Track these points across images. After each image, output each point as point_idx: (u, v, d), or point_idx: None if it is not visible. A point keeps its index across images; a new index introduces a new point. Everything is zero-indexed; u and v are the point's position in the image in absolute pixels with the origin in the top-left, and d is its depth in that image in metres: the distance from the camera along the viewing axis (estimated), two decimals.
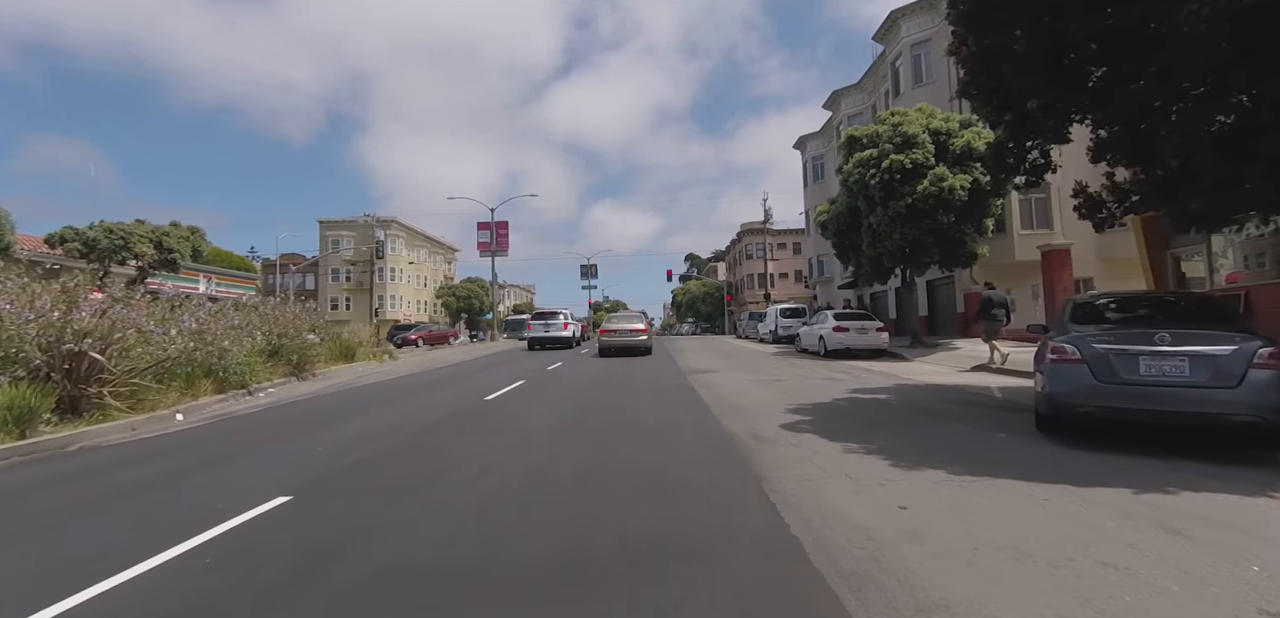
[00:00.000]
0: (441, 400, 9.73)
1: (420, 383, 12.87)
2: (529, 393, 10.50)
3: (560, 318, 25.58)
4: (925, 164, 17.01)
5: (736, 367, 14.96)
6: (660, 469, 4.92)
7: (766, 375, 12.59)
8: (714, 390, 10.11)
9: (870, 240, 18.62)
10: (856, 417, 7.38)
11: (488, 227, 39.03)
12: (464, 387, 11.73)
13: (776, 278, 63.91)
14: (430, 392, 11.09)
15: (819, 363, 15.88)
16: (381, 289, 62.32)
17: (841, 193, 20.33)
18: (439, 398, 10.09)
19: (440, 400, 9.74)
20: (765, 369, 14.16)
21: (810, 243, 39.71)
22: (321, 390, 11.90)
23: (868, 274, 20.37)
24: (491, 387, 11.32)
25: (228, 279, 40.84)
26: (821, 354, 18.10)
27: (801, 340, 20.62)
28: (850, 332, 17.41)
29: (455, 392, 10.93)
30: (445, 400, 9.71)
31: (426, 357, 22.85)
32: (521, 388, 11.21)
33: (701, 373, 13.37)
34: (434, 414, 8.24)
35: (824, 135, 37.85)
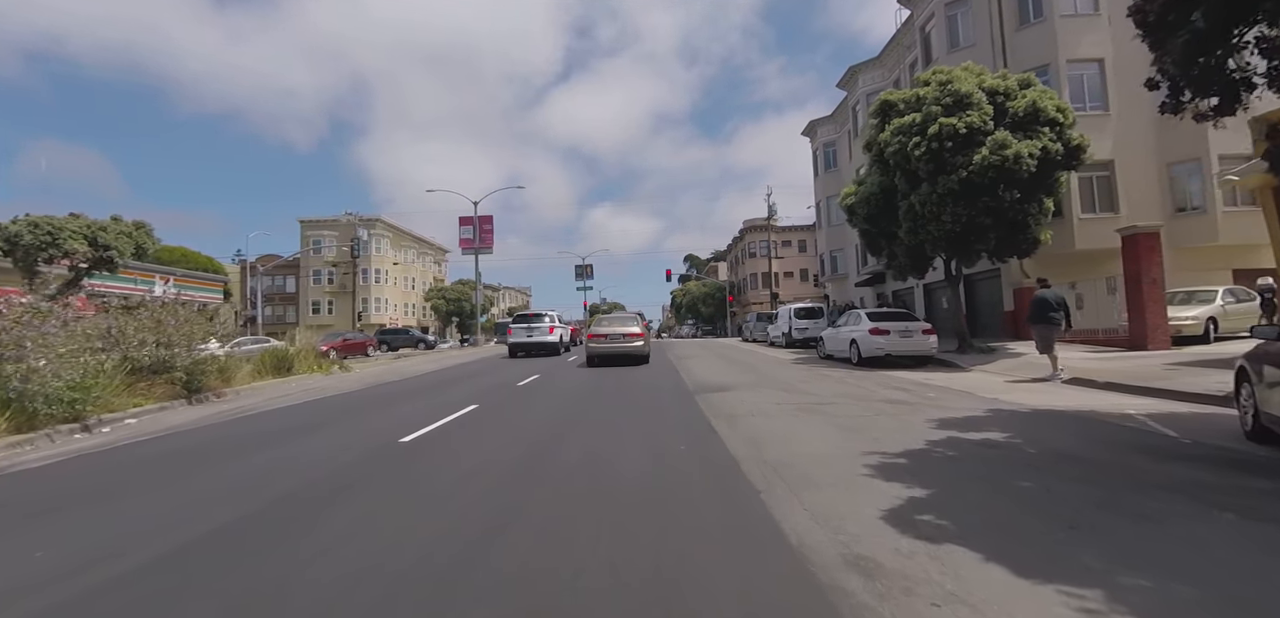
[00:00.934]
0: (339, 445, 6.58)
1: (340, 408, 9.72)
2: (471, 430, 7.34)
3: (545, 321, 22.44)
4: (982, 129, 13.89)
5: (755, 380, 11.81)
6: None
7: (803, 397, 9.43)
8: (740, 425, 6.97)
9: (911, 225, 15.49)
10: (998, 487, 4.26)
11: (470, 221, 35.87)
12: (388, 417, 8.57)
13: (781, 277, 60.85)
14: (335, 425, 7.94)
15: (855, 374, 12.74)
16: (365, 291, 59.17)
17: (872, 171, 17.22)
18: (339, 438, 6.94)
19: (338, 445, 6.59)
20: (795, 385, 11.01)
21: (822, 237, 36.65)
22: (199, 422, 8.74)
23: (904, 266, 17.26)
24: (427, 416, 8.17)
25: (191, 282, 37.66)
26: (854, 362, 14.98)
27: (826, 345, 17.48)
28: (891, 335, 14.28)
29: (370, 426, 7.77)
30: (344, 445, 6.56)
31: (383, 367, 19.68)
32: (466, 419, 8.05)
33: (714, 391, 10.22)
34: (296, 478, 5.09)
35: (836, 120, 34.76)
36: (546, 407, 9.02)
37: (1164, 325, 14.07)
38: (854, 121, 30.52)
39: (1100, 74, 19.06)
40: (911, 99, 15.68)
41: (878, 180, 16.80)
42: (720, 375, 13.05)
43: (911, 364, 14.63)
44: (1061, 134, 14.06)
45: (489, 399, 10.04)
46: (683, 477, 4.73)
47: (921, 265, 17.51)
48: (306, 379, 15.22)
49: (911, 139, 14.56)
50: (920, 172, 14.53)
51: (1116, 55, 19.19)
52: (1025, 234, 14.88)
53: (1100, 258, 18.53)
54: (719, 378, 12.50)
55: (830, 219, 35.69)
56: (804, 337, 24.47)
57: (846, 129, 32.94)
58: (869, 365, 14.43)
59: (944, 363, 14.40)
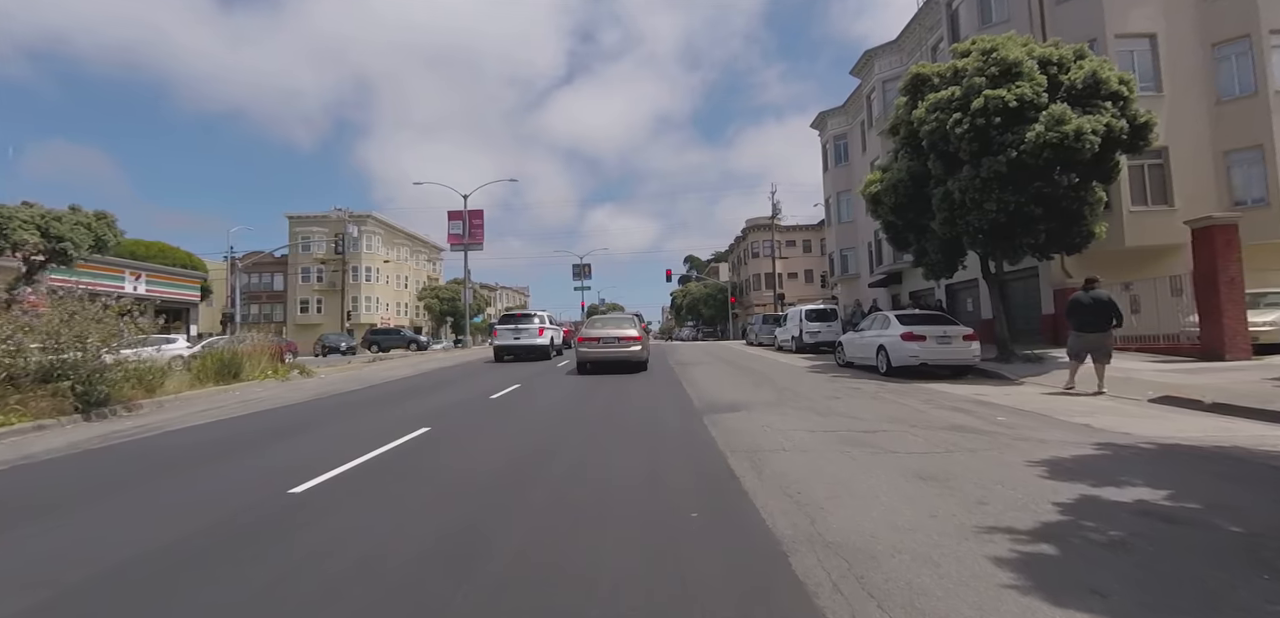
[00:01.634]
0: (201, 498, 4.68)
1: (259, 430, 7.77)
2: (399, 472, 5.42)
3: (534, 322, 20.50)
4: (1036, 101, 11.98)
5: (775, 395, 9.87)
6: None
7: (841, 421, 7.51)
8: (770, 467, 5.04)
9: (946, 215, 13.56)
10: (1237, 606, 2.33)
11: (459, 216, 33.90)
12: (307, 446, 6.64)
13: (785, 277, 58.98)
14: (227, 460, 6.01)
15: (890, 388, 10.82)
16: (355, 290, 57.31)
17: (901, 155, 15.29)
18: (208, 486, 5.03)
19: (198, 498, 4.69)
20: (824, 403, 9.07)
21: (832, 234, 34.73)
22: (62, 449, 6.80)
23: (935, 263, 15.32)
24: (356, 444, 6.24)
25: (166, 278, 35.74)
26: (882, 372, 13.06)
27: (846, 351, 15.55)
28: (926, 341, 12.34)
29: (271, 463, 5.84)
30: (208, 498, 4.66)
31: (352, 372, 17.72)
32: (406, 451, 6.13)
33: (726, 410, 8.30)
34: (82, 569, 3.17)
35: (847, 111, 32.83)
36: (514, 434, 7.08)
37: (1244, 331, 12.18)
38: (868, 111, 28.62)
39: (1151, 51, 17.17)
40: (948, 73, 13.76)
41: (907, 166, 14.86)
42: (730, 387, 11.12)
43: (947, 375, 12.73)
44: (1125, 109, 12.14)
45: (448, 420, 8.11)
46: (696, 595, 2.78)
47: (953, 262, 15.58)
48: (254, 386, 13.29)
49: (951, 116, 12.64)
50: (961, 152, 12.61)
51: (1169, 30, 17.30)
52: (1080, 226, 12.95)
53: (1152, 256, 16.65)
54: (729, 391, 10.56)
55: (840, 216, 33.80)
56: (815, 341, 22.53)
57: (860, 120, 31.02)
58: (900, 376, 12.51)
59: (987, 374, 12.48)
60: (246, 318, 60.36)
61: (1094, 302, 9.72)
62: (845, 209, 33.54)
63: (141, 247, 40.00)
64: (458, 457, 5.78)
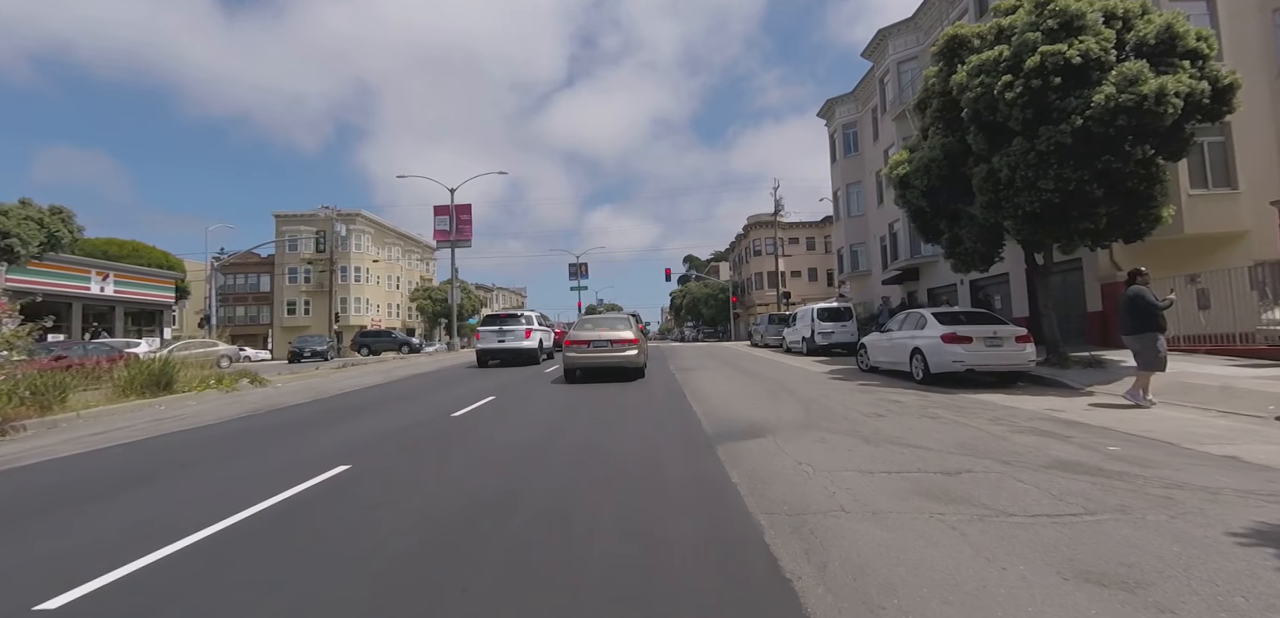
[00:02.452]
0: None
1: (104, 477, 5.90)
2: (256, 562, 3.54)
3: (521, 323, 18.64)
4: (1103, 59, 10.14)
5: (803, 412, 8.00)
6: None
7: (904, 454, 5.67)
8: (831, 551, 3.21)
9: (990, 196, 11.71)
10: None
11: (446, 211, 32.00)
12: (128, 514, 4.77)
13: (788, 276, 57.17)
14: (40, 519, 4.14)
15: (935, 399, 8.98)
16: (344, 291, 55.45)
17: (933, 131, 13.43)
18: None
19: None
20: (869, 425, 7.21)
21: (841, 229, 32.86)
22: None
23: (970, 253, 13.47)
24: (222, 502, 4.39)
25: (138, 278, 33.82)
26: (918, 379, 11.22)
27: (870, 355, 13.70)
28: (973, 344, 10.50)
29: (94, 530, 3.97)
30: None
31: (312, 382, 15.82)
32: (291, 510, 4.27)
33: (745, 437, 6.44)
34: None
35: (858, 97, 30.97)
36: (458, 479, 5.22)
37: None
38: (881, 95, 26.76)
39: (1209, 13, 15.34)
40: (990, 33, 11.93)
41: (940, 142, 13.01)
42: (744, 400, 9.26)
43: (993, 382, 10.90)
44: (1204, 69, 10.31)
45: (382, 452, 6.24)
46: None
47: (991, 253, 13.75)
48: (188, 400, 11.42)
49: (1000, 78, 10.80)
50: (1012, 122, 10.76)
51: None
52: (1148, 209, 11.12)
53: (1211, 245, 14.81)
54: (744, 405, 8.70)
55: (849, 209, 31.94)
56: (829, 342, 20.71)
57: (871, 106, 29.17)
58: (941, 385, 10.68)
59: (1043, 381, 10.65)
60: (232, 320, 58.50)
61: (1141, 301, 8.26)
62: (855, 202, 31.70)
63: (114, 245, 38.09)
64: (360, 525, 3.91)
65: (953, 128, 12.94)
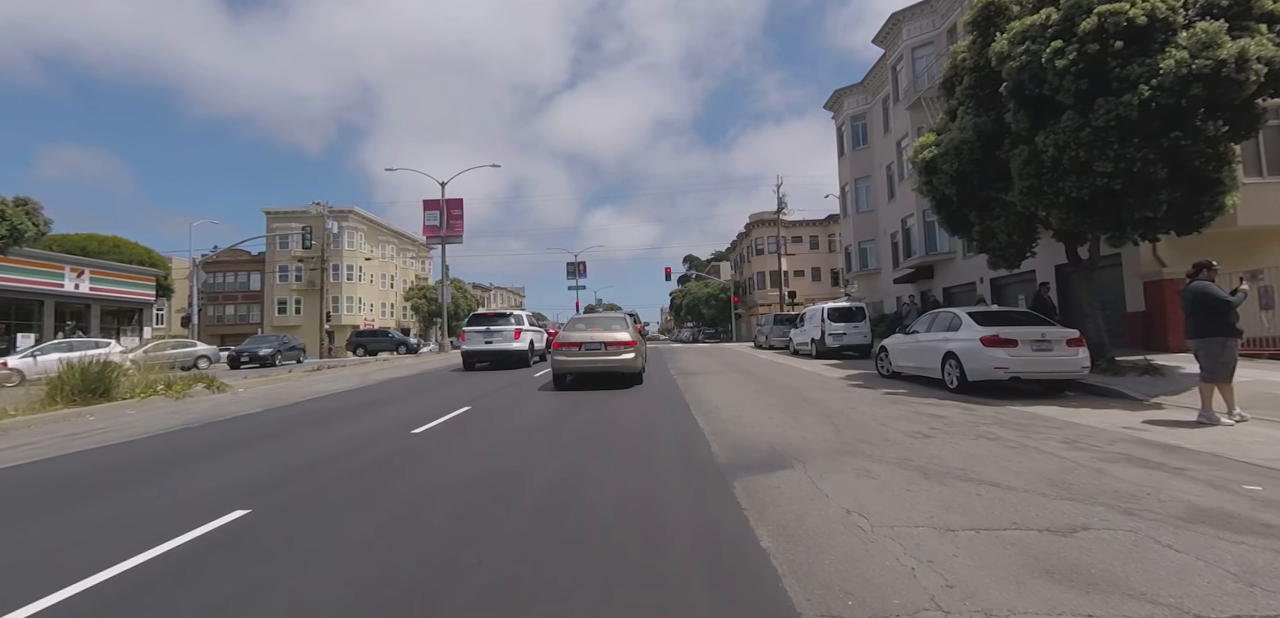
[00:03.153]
0: None
1: None
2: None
3: (510, 323, 17.32)
4: (1171, 20, 8.81)
5: (831, 430, 6.66)
6: None
7: (991, 500, 4.35)
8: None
9: (1032, 181, 10.39)
10: None
11: (436, 205, 30.64)
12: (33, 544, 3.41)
13: (791, 275, 55.90)
14: None
15: (982, 413, 7.67)
16: (336, 289, 54.09)
17: (963, 113, 12.10)
18: None
19: None
20: (920, 449, 5.89)
21: (849, 226, 31.50)
22: None
23: (1007, 246, 12.12)
24: (98, 552, 3.04)
25: (115, 275, 32.44)
26: (953, 387, 9.89)
27: (893, 360, 12.37)
28: (1018, 347, 9.17)
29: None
30: None
31: (276, 387, 14.45)
32: (118, 594, 2.91)
33: (771, 470, 5.12)
34: None
35: (867, 88, 29.62)
36: (382, 540, 3.88)
37: None
38: (894, 83, 25.42)
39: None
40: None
41: (973, 123, 11.67)
42: (758, 413, 7.92)
43: (1039, 392, 9.59)
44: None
45: (311, 481, 4.92)
46: None
47: (1027, 246, 12.44)
48: (128, 409, 10.10)
49: (1048, 45, 9.47)
50: (1062, 94, 9.43)
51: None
52: (1213, 195, 9.79)
53: (1266, 240, 13.51)
54: (758, 419, 7.37)
55: (858, 205, 30.59)
56: (840, 344, 19.38)
57: (882, 96, 27.82)
58: (979, 394, 9.35)
59: (1099, 391, 9.32)
60: (221, 319, 57.20)
61: (1208, 297, 6.87)
62: (864, 197, 30.33)
63: (94, 241, 36.74)
64: (262, 589, 2.58)
65: (987, 106, 11.62)
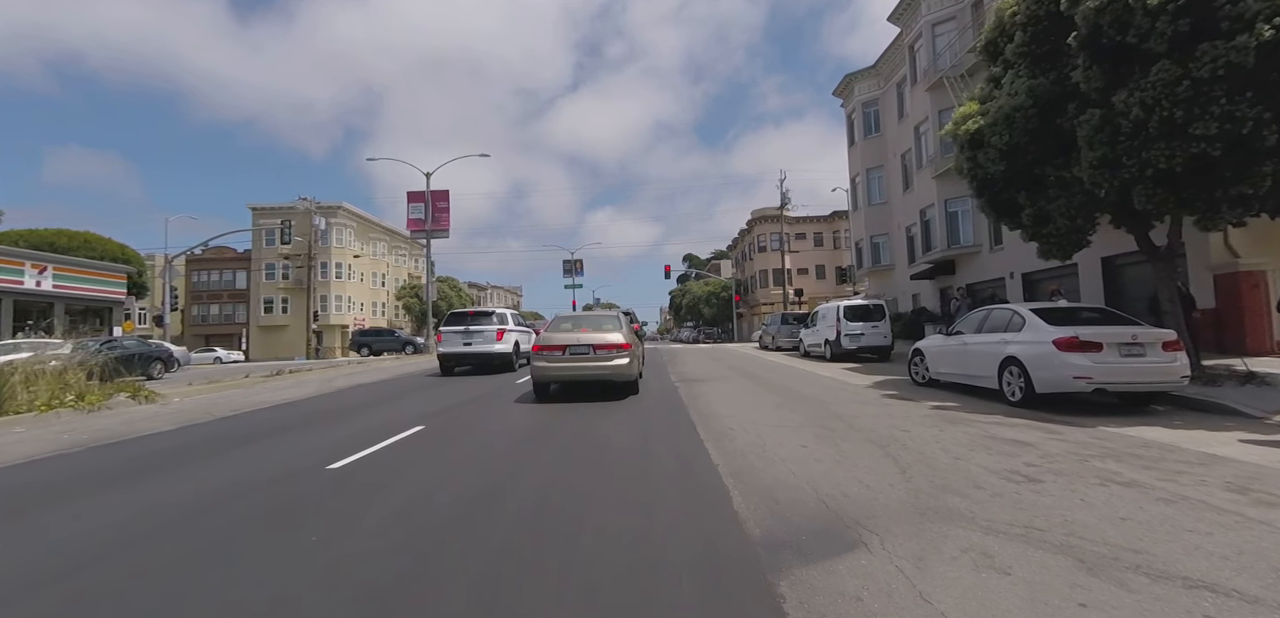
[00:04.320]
0: None
1: None
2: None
3: (492, 323, 15.56)
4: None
5: (898, 471, 4.89)
6: None
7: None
8: None
9: (1105, 151, 8.64)
10: None
11: (421, 197, 28.84)
12: None
13: (794, 273, 54.18)
14: None
15: (1067, 433, 5.95)
16: (324, 288, 52.30)
17: (1014, 75, 10.32)
18: None
19: None
20: (1032, 503, 4.11)
21: (860, 219, 29.72)
22: None
23: (1065, 231, 10.36)
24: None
25: (83, 272, 30.62)
26: (1014, 400, 8.13)
27: (931, 364, 10.60)
28: (1102, 352, 7.40)
29: None
30: None
31: (220, 395, 12.63)
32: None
33: (831, 552, 3.32)
34: None
35: (880, 72, 27.85)
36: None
37: None
38: (912, 63, 23.64)
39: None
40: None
41: (1026, 86, 9.90)
42: (787, 439, 6.15)
43: (1118, 405, 7.86)
44: None
45: (131, 562, 3.12)
46: None
47: (1086, 231, 10.69)
48: (14, 426, 8.31)
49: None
50: (1154, 40, 7.67)
51: None
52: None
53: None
54: (791, 451, 5.60)
55: (870, 197, 28.82)
56: (858, 346, 17.63)
57: (896, 79, 26.07)
58: (1048, 409, 7.60)
59: (1192, 404, 7.57)
60: (206, 318, 55.41)
61: None
62: (876, 189, 28.57)
63: (63, 236, 34.96)
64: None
65: (1044, 65, 9.87)
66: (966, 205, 20.69)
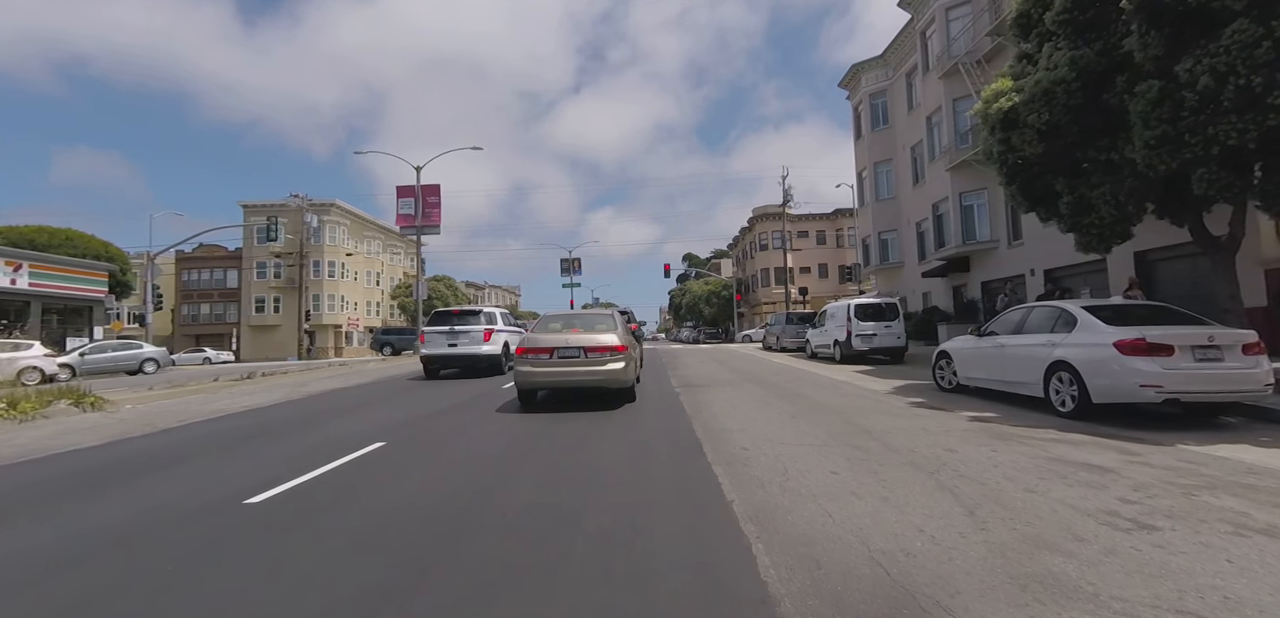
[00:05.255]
0: None
1: None
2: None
3: (479, 322, 14.53)
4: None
5: (970, 520, 3.85)
6: None
7: None
8: None
9: (1164, 129, 7.62)
10: None
11: (411, 192, 27.79)
12: None
13: (797, 271, 53.16)
14: None
15: (1154, 456, 4.92)
16: (317, 287, 51.26)
17: (1049, 52, 9.28)
18: None
19: None
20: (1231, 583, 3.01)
21: (868, 215, 28.67)
22: None
23: (1113, 221, 9.34)
24: None
25: (59, 270, 29.54)
26: (1063, 411, 7.10)
27: (959, 368, 9.57)
28: (1174, 356, 6.36)
29: None
30: None
31: (174, 403, 11.54)
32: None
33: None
34: None
35: (888, 61, 26.81)
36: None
37: None
38: (923, 52, 22.59)
39: None
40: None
41: (1068, 58, 8.86)
42: (821, 468, 5.12)
43: (1184, 418, 6.85)
44: None
45: None
46: None
47: (1134, 218, 9.67)
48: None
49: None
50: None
51: None
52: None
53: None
54: (829, 487, 4.56)
55: (878, 192, 27.78)
56: (870, 347, 16.60)
57: (906, 69, 25.04)
58: (1103, 421, 6.58)
59: (1268, 415, 6.54)
60: (196, 318, 54.34)
61: None
62: (884, 183, 27.53)
63: (44, 233, 33.85)
64: None
65: (1088, 34, 8.82)
66: (983, 199, 19.65)
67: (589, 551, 3.21)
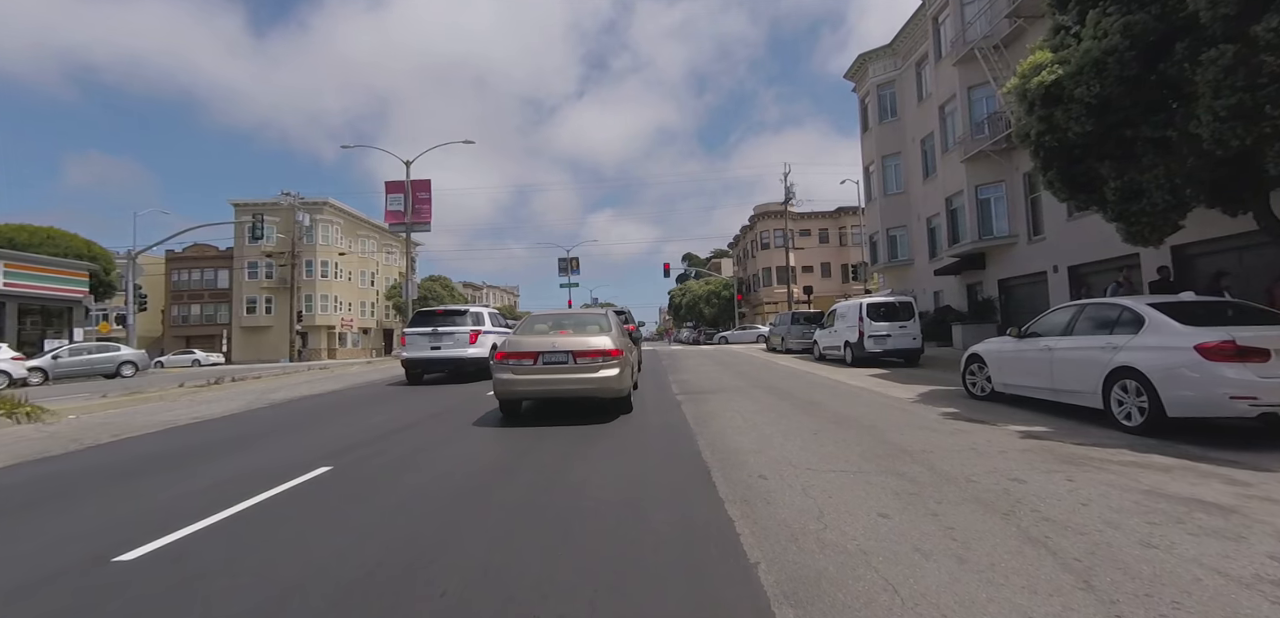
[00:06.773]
0: None
1: None
2: None
3: (465, 323, 13.53)
4: None
5: (1080, 586, 2.83)
6: None
7: None
8: None
9: (1238, 99, 6.62)
10: None
11: (400, 188, 26.73)
12: None
13: (800, 270, 52.18)
14: None
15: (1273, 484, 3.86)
16: (309, 287, 50.22)
17: (1095, 21, 8.25)
18: None
19: None
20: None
21: (876, 211, 27.62)
22: None
23: (1165, 209, 8.33)
24: None
25: (37, 270, 28.48)
26: (1129, 425, 6.08)
27: (995, 374, 8.54)
28: (1271, 362, 5.34)
29: None
30: None
31: (128, 412, 10.49)
32: None
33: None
34: None
35: (897, 51, 25.78)
36: None
37: None
38: (936, 38, 21.58)
39: None
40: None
41: (1120, 24, 7.83)
42: (863, 509, 4.10)
43: (1257, 431, 5.84)
44: None
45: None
46: None
47: (1189, 204, 8.66)
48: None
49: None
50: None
51: None
52: None
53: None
54: (880, 540, 3.55)
55: (886, 186, 26.76)
56: (883, 350, 15.58)
57: (916, 58, 24.01)
58: (1187, 438, 5.56)
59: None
60: (187, 319, 53.31)
61: None
62: (892, 178, 26.50)
63: (24, 232, 32.75)
64: None
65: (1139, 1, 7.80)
66: (1001, 191, 18.63)
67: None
